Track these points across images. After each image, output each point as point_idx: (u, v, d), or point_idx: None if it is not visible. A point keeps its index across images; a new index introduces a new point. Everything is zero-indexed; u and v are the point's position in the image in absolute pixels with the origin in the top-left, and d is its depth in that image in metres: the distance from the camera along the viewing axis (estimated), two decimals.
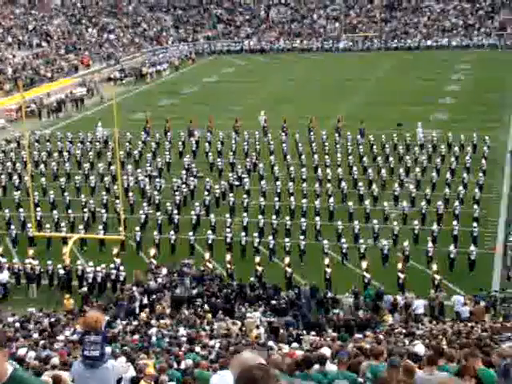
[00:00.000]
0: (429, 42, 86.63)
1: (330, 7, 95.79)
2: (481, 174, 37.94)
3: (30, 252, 30.76)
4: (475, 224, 31.80)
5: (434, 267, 28.00)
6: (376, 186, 37.18)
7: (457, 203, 34.07)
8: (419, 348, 14.21)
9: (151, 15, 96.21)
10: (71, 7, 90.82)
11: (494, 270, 29.80)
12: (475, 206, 33.76)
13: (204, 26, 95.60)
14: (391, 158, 41.42)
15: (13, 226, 34.00)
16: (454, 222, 31.98)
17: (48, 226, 33.70)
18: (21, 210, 35.55)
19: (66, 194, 37.80)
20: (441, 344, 15.36)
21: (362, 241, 31.14)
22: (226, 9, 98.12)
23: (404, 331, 21.21)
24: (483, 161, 39.88)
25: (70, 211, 35.48)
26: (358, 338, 19.47)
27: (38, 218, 34.42)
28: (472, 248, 29.67)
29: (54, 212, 35.32)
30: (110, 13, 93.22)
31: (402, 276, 27.91)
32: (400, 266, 28.34)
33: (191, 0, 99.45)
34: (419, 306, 25.64)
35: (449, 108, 56.29)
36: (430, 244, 30.27)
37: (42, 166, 43.07)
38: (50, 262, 29.81)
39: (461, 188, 36.16)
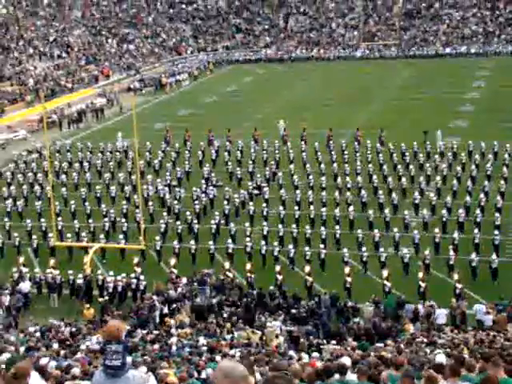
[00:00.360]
0: (448, 50, 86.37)
1: (349, 16, 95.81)
2: (502, 182, 37.66)
3: (52, 262, 30.96)
4: (497, 232, 31.53)
5: (456, 276, 27.79)
6: (396, 195, 37.04)
7: (478, 211, 33.83)
8: (441, 358, 14.10)
9: (170, 26, 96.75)
10: (91, 18, 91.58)
11: None
12: (497, 214, 33.47)
13: (223, 35, 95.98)
14: (411, 166, 41.25)
15: (34, 236, 34.23)
16: (476, 231, 31.74)
17: (69, 235, 33.93)
18: (42, 219, 35.84)
19: (86, 203, 38.05)
20: (462, 353, 15.23)
21: (382, 249, 31.00)
22: (245, 18, 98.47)
23: (425, 340, 21.05)
24: (504, 168, 39.59)
25: (90, 221, 35.69)
26: (379, 347, 19.37)
27: (60, 228, 34.64)
28: (493, 256, 29.42)
29: (75, 222, 35.55)
30: (130, 23, 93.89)
31: (423, 285, 27.73)
32: (421, 274, 28.17)
33: (210, 10, 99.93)
34: (441, 315, 25.45)
35: (469, 115, 55.98)
36: (452, 252, 30.05)
37: (63, 176, 43.40)
38: (71, 272, 29.98)
39: (482, 196, 35.90)
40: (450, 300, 26.56)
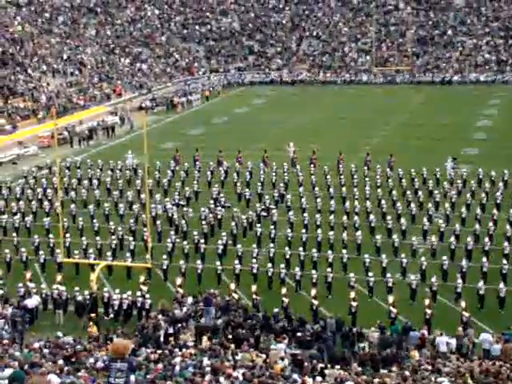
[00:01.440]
0: (460, 77, 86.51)
1: (362, 40, 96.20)
2: (511, 211, 37.49)
3: (58, 278, 30.94)
4: (505, 261, 31.36)
5: (463, 304, 27.61)
6: (405, 220, 36.93)
7: (487, 239, 33.68)
8: None
9: (183, 46, 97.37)
10: (105, 37, 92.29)
11: None
12: (505, 243, 33.31)
13: (235, 57, 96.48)
14: (420, 192, 41.16)
15: (41, 252, 34.25)
16: (484, 259, 31.58)
17: (76, 252, 33.95)
18: (50, 235, 35.90)
19: (94, 220, 38.12)
20: (467, 383, 15.10)
21: (389, 275, 30.85)
22: (258, 40, 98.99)
23: (430, 368, 20.89)
24: None
25: (98, 238, 35.70)
26: (384, 374, 19.22)
27: (67, 244, 34.66)
28: (501, 285, 29.24)
29: (83, 238, 35.58)
30: (143, 43, 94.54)
31: (429, 312, 27.55)
32: (427, 301, 28.00)
33: (223, 31, 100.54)
34: (441, 343, 25.19)
35: (480, 143, 55.93)
36: (459, 280, 29.88)
37: (72, 192, 43.52)
38: (77, 289, 29.95)
39: (491, 224, 35.75)
40: (456, 328, 26.36)
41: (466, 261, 31.74)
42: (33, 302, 29.12)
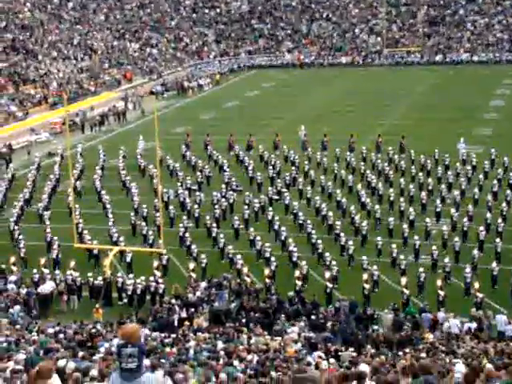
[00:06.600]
0: (472, 57, 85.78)
1: (372, 21, 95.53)
2: None
3: (72, 264, 31.03)
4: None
5: (476, 285, 27.52)
6: (420, 199, 36.76)
7: (500, 220, 33.46)
8: (460, 367, 13.98)
9: (193, 30, 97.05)
10: (115, 22, 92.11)
11: None
12: None
13: (245, 40, 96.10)
14: (430, 180, 40.53)
15: (55, 238, 34.30)
16: (497, 240, 31.41)
17: (89, 237, 34.02)
18: (63, 222, 35.94)
19: (108, 206, 38.16)
20: (482, 364, 15.05)
21: (402, 257, 30.76)
22: (268, 23, 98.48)
23: (444, 349, 20.87)
24: None
25: (110, 223, 35.74)
26: (400, 356, 19.22)
27: (80, 231, 34.72)
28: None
29: (96, 224, 35.66)
30: (153, 27, 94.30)
31: (441, 293, 27.49)
32: (439, 282, 27.93)
33: (233, 15, 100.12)
34: (453, 324, 25.15)
35: (492, 123, 55.53)
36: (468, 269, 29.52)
37: (83, 179, 43.55)
38: (90, 274, 30.07)
39: (504, 205, 35.54)
40: (469, 309, 26.31)
41: (477, 251, 31.15)
42: (47, 287, 29.27)
